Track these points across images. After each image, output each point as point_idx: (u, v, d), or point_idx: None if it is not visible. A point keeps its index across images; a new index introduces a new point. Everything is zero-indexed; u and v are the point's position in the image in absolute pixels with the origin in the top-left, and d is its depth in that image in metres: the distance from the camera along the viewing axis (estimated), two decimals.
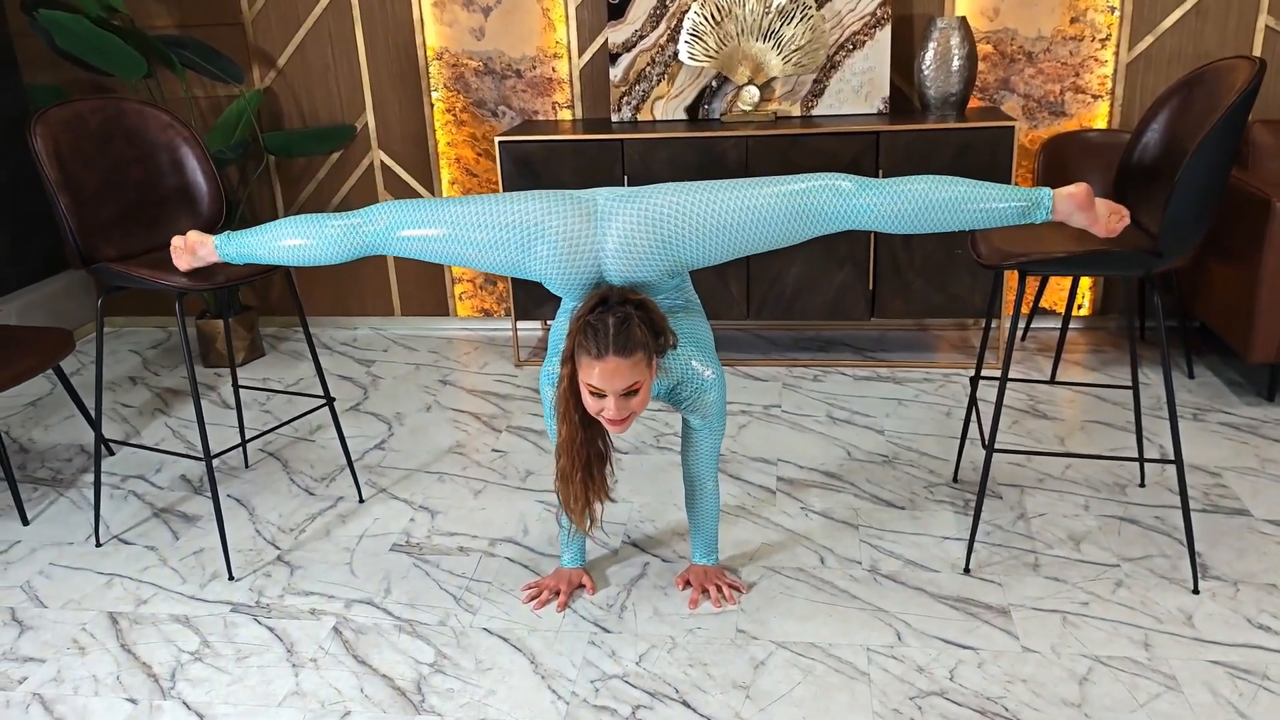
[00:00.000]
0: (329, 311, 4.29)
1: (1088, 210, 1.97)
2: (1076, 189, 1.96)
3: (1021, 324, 3.86)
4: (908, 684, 2.03)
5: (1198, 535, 2.49)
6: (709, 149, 3.44)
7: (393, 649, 2.22)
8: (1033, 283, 3.82)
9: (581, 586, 2.39)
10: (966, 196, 1.93)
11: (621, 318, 1.92)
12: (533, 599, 2.36)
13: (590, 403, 1.97)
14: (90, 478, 3.07)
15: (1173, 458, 2.39)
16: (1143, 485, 2.72)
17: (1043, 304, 3.89)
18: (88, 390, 3.73)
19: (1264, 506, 2.60)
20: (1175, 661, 2.05)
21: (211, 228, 2.69)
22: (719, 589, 2.33)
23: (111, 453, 3.23)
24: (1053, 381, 2.94)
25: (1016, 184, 3.36)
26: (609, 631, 2.24)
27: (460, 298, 4.20)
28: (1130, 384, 2.61)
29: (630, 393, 1.93)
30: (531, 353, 3.95)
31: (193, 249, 2.27)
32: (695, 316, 2.22)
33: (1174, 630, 2.15)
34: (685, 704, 2.01)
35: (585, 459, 2.09)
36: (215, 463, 3.13)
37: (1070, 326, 3.87)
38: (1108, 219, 2.00)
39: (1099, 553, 2.44)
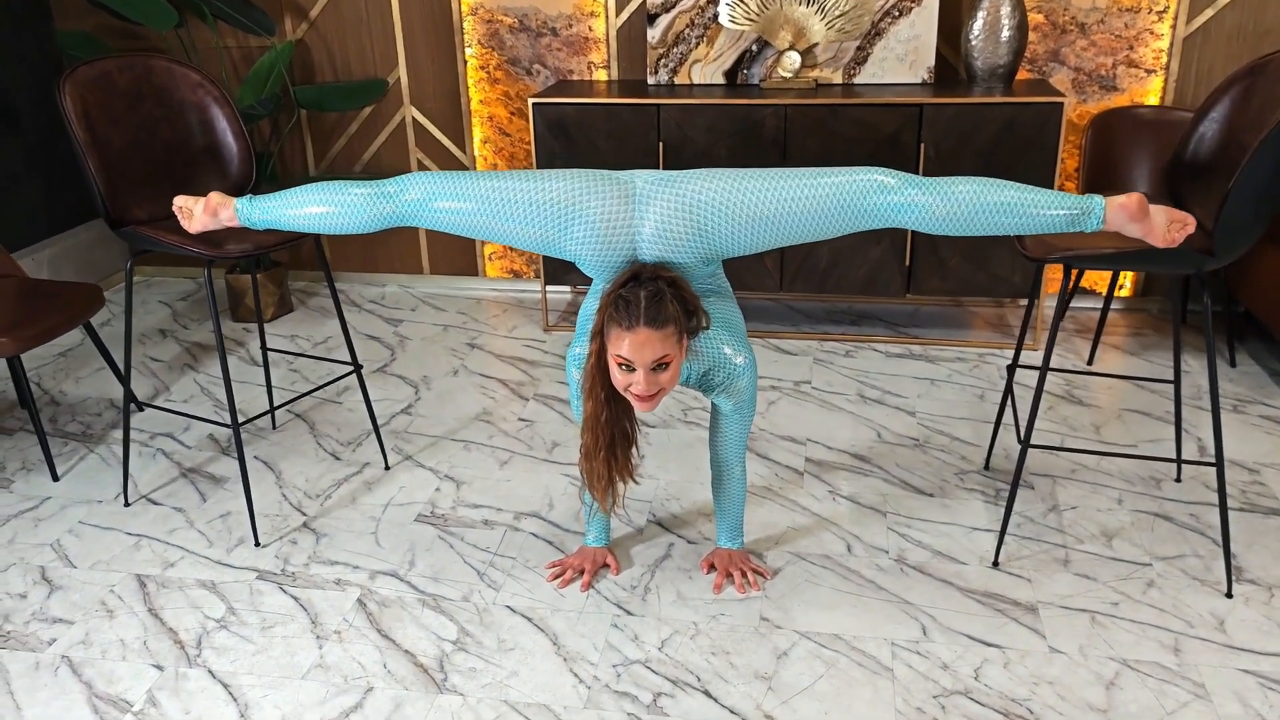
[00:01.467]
0: (358, 268, 4.27)
1: (1141, 220, 1.89)
2: (1129, 199, 1.88)
3: (1053, 303, 3.77)
4: (932, 681, 2.01)
5: (1233, 535, 2.44)
6: (746, 116, 3.36)
7: (416, 624, 2.22)
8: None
9: (606, 566, 2.39)
10: (1015, 202, 1.86)
11: (654, 291, 1.89)
12: (557, 577, 2.35)
13: (619, 378, 1.94)
14: (119, 434, 3.09)
15: (1213, 459, 2.33)
16: (1179, 480, 2.67)
17: (1083, 284, 3.80)
18: (117, 343, 3.74)
19: None
20: (1205, 668, 2.02)
21: (241, 190, 2.66)
22: (743, 574, 2.32)
23: (141, 409, 3.25)
24: (1090, 371, 2.88)
25: (1063, 162, 3.27)
26: (632, 614, 2.23)
27: (490, 258, 4.16)
28: (1172, 377, 2.55)
29: (660, 366, 1.90)
30: (560, 317, 3.92)
31: (214, 210, 2.19)
32: (727, 301, 2.18)
33: (1205, 635, 2.11)
34: (707, 693, 2.00)
35: (610, 438, 2.07)
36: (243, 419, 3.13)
37: (1110, 308, 3.79)
38: (1167, 229, 1.91)
39: (1131, 550, 2.40)
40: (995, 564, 2.36)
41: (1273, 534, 2.44)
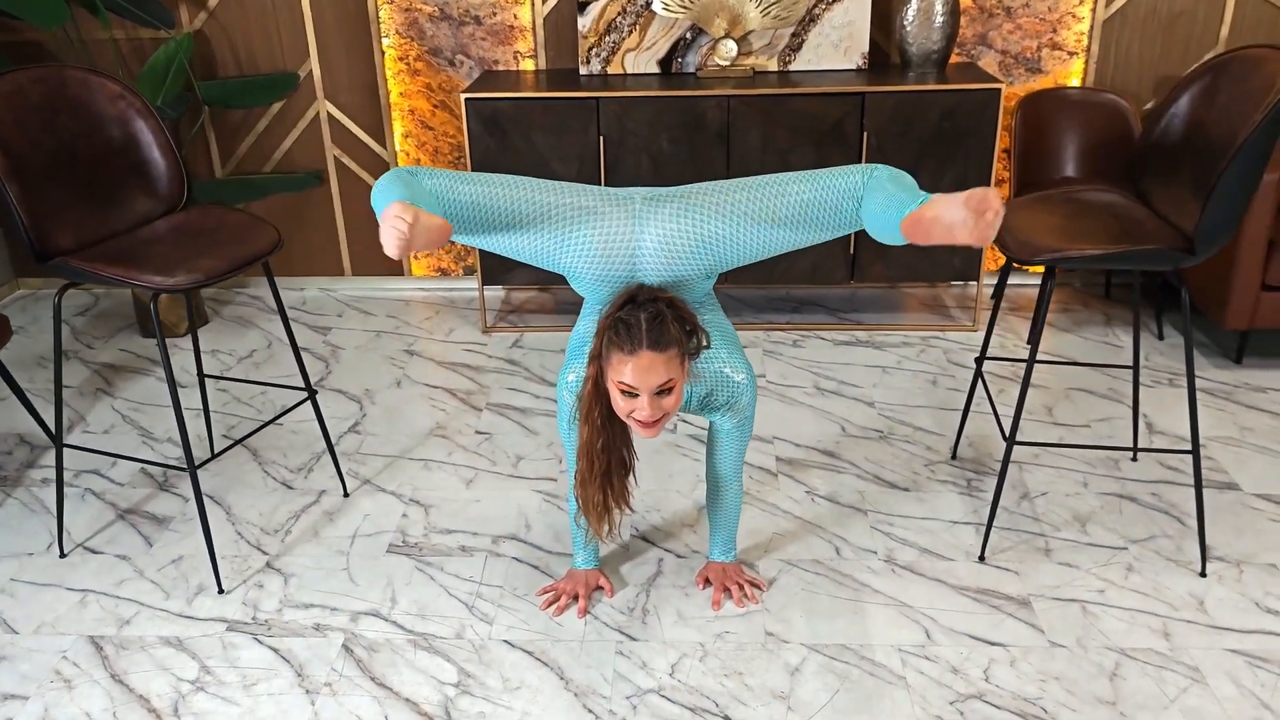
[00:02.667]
0: (274, 271, 4.02)
1: (924, 238, 1.70)
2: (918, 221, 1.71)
3: (993, 283, 3.87)
4: (945, 687, 2.03)
5: (1192, 513, 2.54)
6: (689, 109, 3.30)
7: (411, 668, 2.12)
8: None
9: (599, 589, 2.32)
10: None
11: (654, 313, 1.83)
12: (550, 604, 2.28)
13: (620, 404, 1.87)
14: (38, 474, 2.84)
15: (1188, 448, 2.42)
16: (1135, 459, 2.77)
17: None
18: (19, 367, 3.44)
19: (1250, 479, 2.68)
20: (1196, 651, 2.10)
21: (173, 209, 2.46)
22: (740, 587, 2.29)
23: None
24: (1072, 361, 2.95)
25: (999, 145, 3.33)
26: (635, 639, 2.18)
27: (415, 255, 3.99)
28: (1131, 363, 2.63)
29: (664, 391, 1.84)
30: (497, 317, 3.79)
31: (430, 232, 1.64)
32: (718, 314, 2.14)
33: (1189, 617, 2.20)
34: (728, 718, 1.97)
35: (606, 464, 2.00)
36: (178, 454, 2.92)
37: (1028, 283, 3.90)
38: (971, 224, 1.59)
39: (1105, 534, 2.47)
40: (981, 558, 2.40)
41: (1229, 509, 2.56)
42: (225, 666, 2.13)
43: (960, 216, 1.61)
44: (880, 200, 1.79)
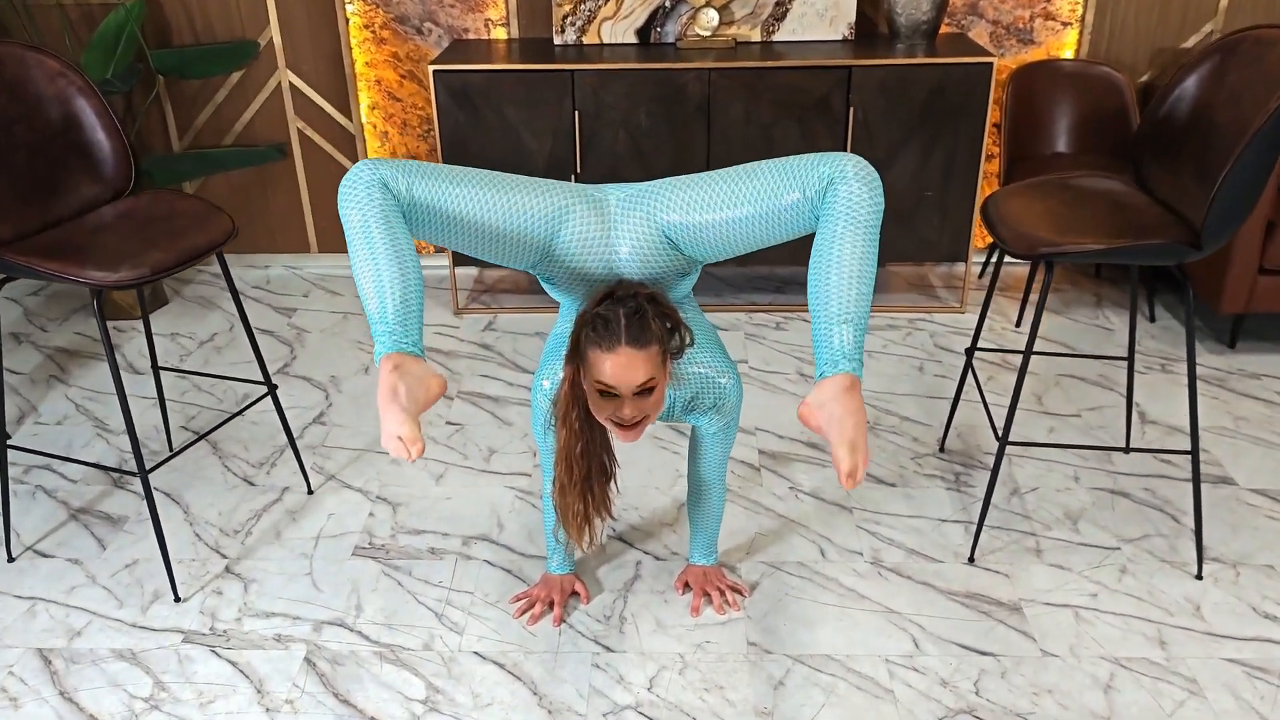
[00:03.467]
0: (235, 248, 3.87)
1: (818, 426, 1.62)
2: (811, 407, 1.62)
3: (980, 261, 3.76)
4: (934, 700, 1.95)
5: (1186, 510, 2.47)
6: (667, 81, 3.15)
7: (377, 683, 2.02)
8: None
9: (575, 594, 2.23)
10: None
11: (634, 308, 1.72)
12: (524, 612, 2.18)
13: (600, 407, 1.76)
14: None
15: (1185, 446, 2.33)
16: (1127, 452, 2.68)
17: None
18: None
19: (1245, 473, 2.60)
20: (1193, 661, 2.03)
21: (120, 193, 2.31)
22: (721, 593, 2.20)
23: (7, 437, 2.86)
24: (1063, 353, 2.85)
25: (990, 120, 3.20)
26: (612, 650, 2.09)
27: None
28: (1126, 355, 2.54)
29: (644, 391, 1.73)
30: (469, 298, 3.66)
31: (427, 392, 1.57)
32: (699, 314, 2.03)
33: (1185, 624, 2.13)
34: None
35: (586, 471, 1.89)
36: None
37: (1018, 262, 3.80)
38: (852, 463, 1.55)
39: (1098, 533, 2.40)
40: (971, 560, 2.32)
41: (1224, 505, 2.49)
42: (181, 682, 2.03)
43: (840, 439, 1.55)
44: (821, 279, 1.62)
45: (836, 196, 1.61)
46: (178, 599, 2.24)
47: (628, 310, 1.71)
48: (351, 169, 1.63)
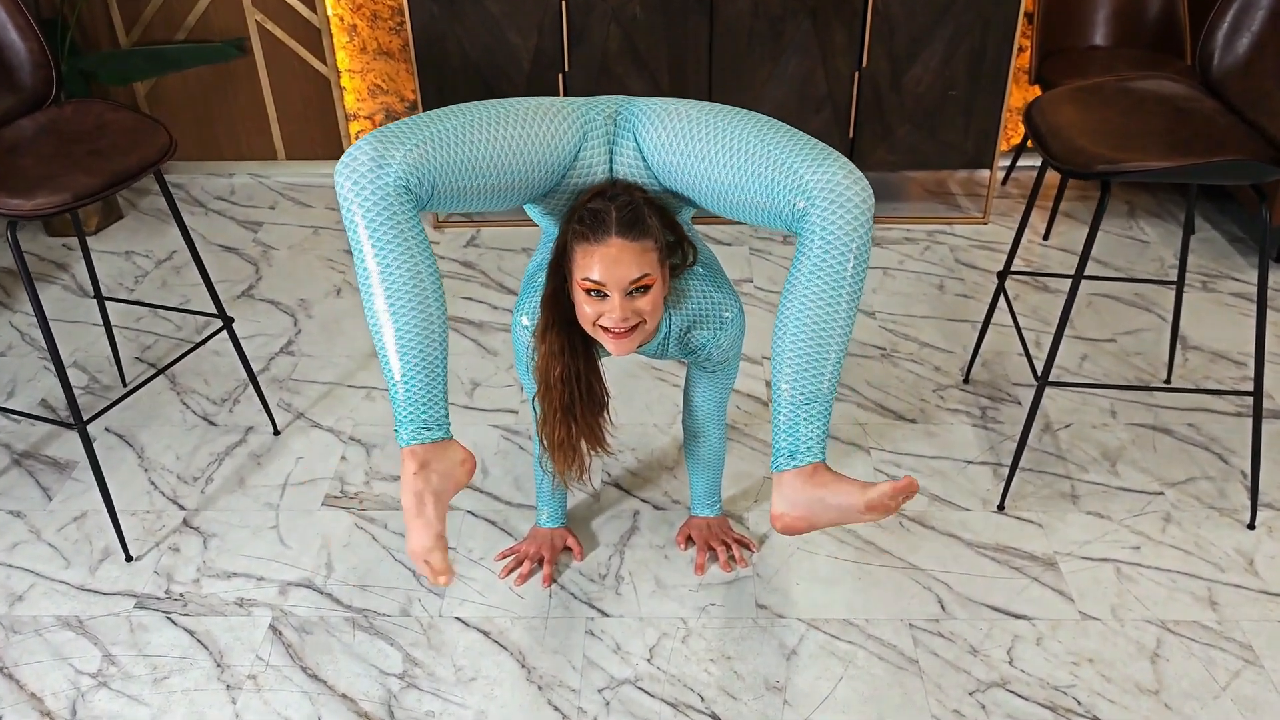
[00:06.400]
0: (196, 155, 3.56)
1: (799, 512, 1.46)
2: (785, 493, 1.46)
3: (1004, 165, 3.47)
4: (964, 673, 1.77)
5: (1235, 448, 2.26)
6: None
7: (349, 654, 1.83)
8: (1017, 126, 3.39)
9: (567, 549, 2.03)
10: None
11: (628, 201, 1.52)
12: (511, 571, 1.98)
13: (586, 310, 1.54)
14: None
15: (1239, 382, 2.11)
16: (1168, 381, 2.47)
17: (1015, 140, 3.50)
18: None
19: None
20: (1247, 624, 1.85)
21: (41, 102, 2.02)
22: (727, 547, 2.01)
23: None
24: (1092, 276, 2.58)
25: (1023, 8, 2.88)
26: (608, 615, 1.90)
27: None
28: (1175, 280, 2.29)
29: (638, 290, 1.52)
30: None
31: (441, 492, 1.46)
32: (700, 243, 1.79)
33: (1238, 581, 1.94)
34: (715, 717, 1.71)
35: (567, 399, 1.67)
36: (85, 380, 2.56)
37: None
38: (865, 505, 1.39)
39: (1138, 476, 2.19)
40: (1001, 508, 2.11)
41: (1273, 444, 2.27)
42: (133, 655, 1.84)
43: (853, 504, 1.40)
44: (793, 312, 1.45)
45: (809, 226, 1.41)
46: (129, 558, 2.04)
47: (621, 202, 1.52)
48: (354, 156, 1.40)
